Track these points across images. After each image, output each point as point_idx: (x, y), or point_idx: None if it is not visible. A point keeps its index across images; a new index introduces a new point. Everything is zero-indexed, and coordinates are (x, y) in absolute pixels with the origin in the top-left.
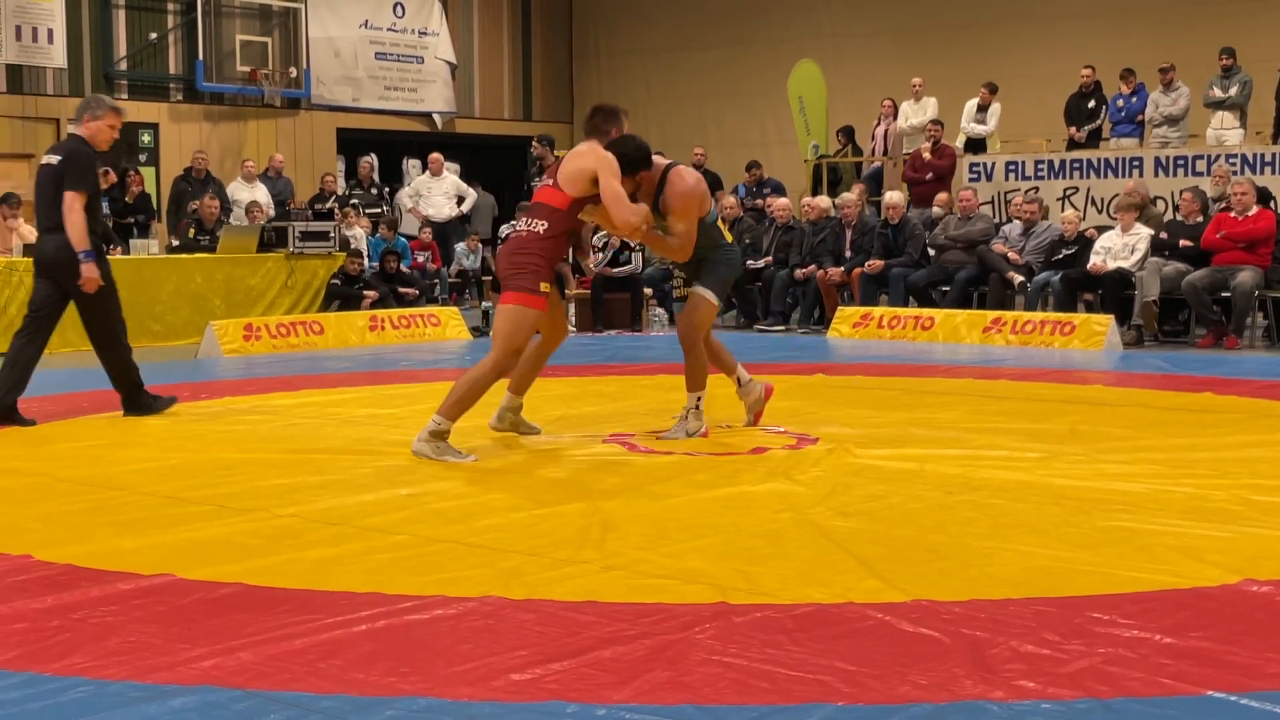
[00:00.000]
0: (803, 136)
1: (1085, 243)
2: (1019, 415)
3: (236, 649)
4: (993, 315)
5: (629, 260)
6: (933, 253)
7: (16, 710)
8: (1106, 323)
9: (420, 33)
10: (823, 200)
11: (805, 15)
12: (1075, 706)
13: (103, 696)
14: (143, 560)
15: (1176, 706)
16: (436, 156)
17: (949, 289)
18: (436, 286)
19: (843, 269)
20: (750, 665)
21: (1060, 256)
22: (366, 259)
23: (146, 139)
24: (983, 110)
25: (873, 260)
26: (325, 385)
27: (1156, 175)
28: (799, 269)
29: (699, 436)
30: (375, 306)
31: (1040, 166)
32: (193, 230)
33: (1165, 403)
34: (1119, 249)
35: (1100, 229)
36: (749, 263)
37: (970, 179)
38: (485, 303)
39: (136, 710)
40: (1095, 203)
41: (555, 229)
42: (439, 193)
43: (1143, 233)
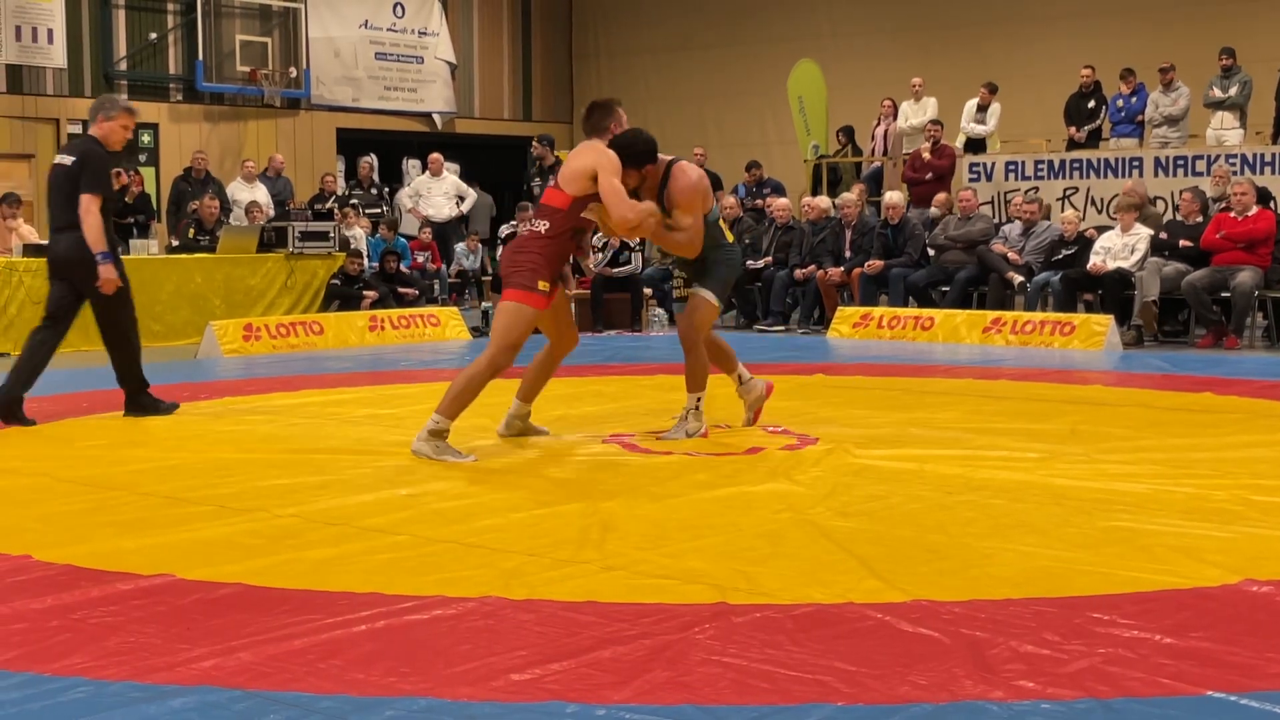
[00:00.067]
0: (802, 136)
1: (1085, 243)
2: (1019, 415)
3: (236, 649)
4: (992, 315)
5: (629, 260)
6: (932, 253)
7: (16, 710)
8: (1106, 323)
9: (420, 33)
10: (822, 200)
11: (805, 15)
12: (1075, 706)
13: (103, 697)
14: (143, 560)
15: (1176, 706)
16: (436, 157)
17: (949, 289)
18: (436, 287)
19: (842, 269)
20: (750, 665)
21: (1060, 257)
22: (366, 259)
23: (146, 139)
24: (982, 110)
25: (872, 260)
26: (325, 385)
27: (1156, 175)
28: (799, 269)
29: (699, 437)
30: (375, 307)
31: (1040, 166)
32: (192, 230)
33: (1165, 403)
34: (1119, 249)
35: (1100, 229)
36: (749, 263)
37: (970, 179)
38: (485, 303)
39: (136, 710)
40: (1095, 203)
41: (556, 229)
42: (439, 193)
43: (1142, 233)
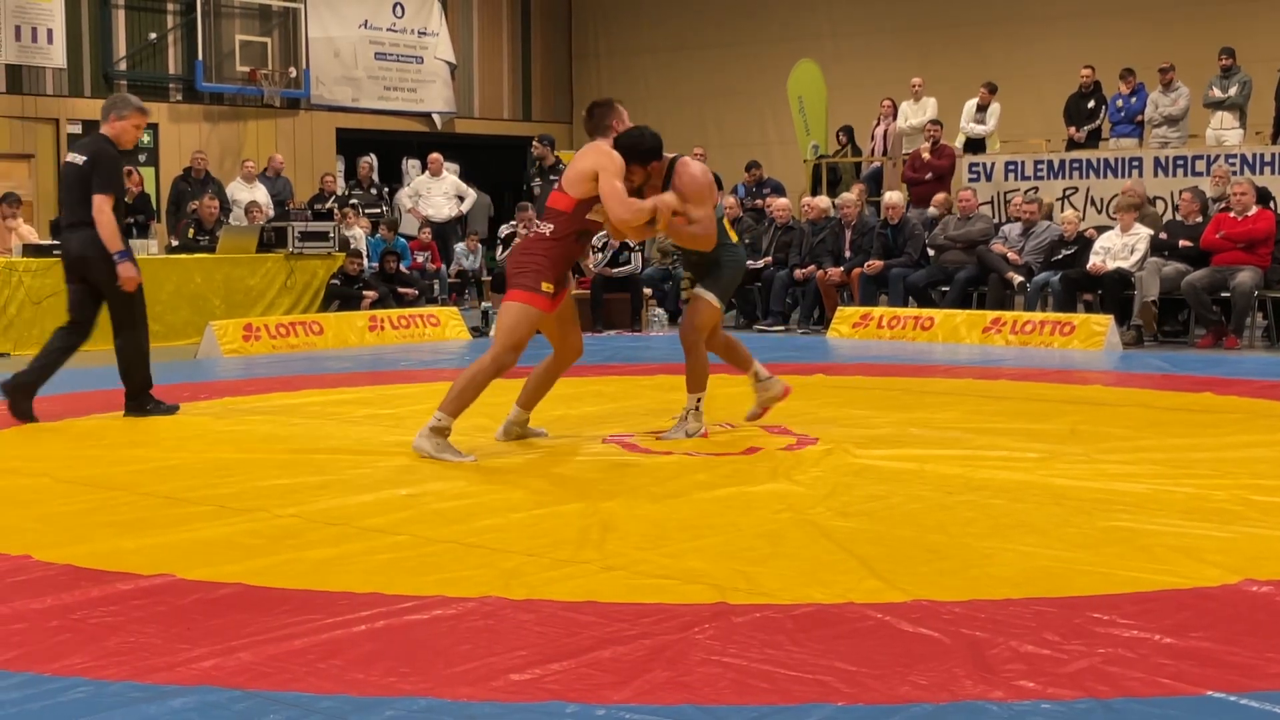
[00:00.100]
0: (802, 136)
1: (1085, 243)
2: (1019, 415)
3: (236, 649)
4: (992, 315)
5: (628, 260)
6: (932, 253)
7: (16, 710)
8: (1106, 323)
9: (420, 33)
10: (822, 200)
11: (805, 15)
12: (1075, 706)
13: (102, 697)
14: (143, 560)
15: (1176, 706)
16: (436, 157)
17: (948, 289)
18: (436, 287)
19: (842, 269)
20: (750, 665)
21: (1060, 257)
22: (366, 259)
23: (146, 139)
24: (982, 110)
25: (872, 260)
26: (325, 385)
27: (1156, 175)
28: (798, 269)
29: (698, 437)
30: (375, 307)
31: (1040, 166)
32: (192, 230)
33: (1165, 403)
34: (1118, 249)
35: (1100, 229)
36: (749, 263)
37: (970, 179)
38: (485, 303)
39: (136, 710)
40: (1095, 203)
41: (561, 231)
42: (438, 193)
43: (1142, 233)
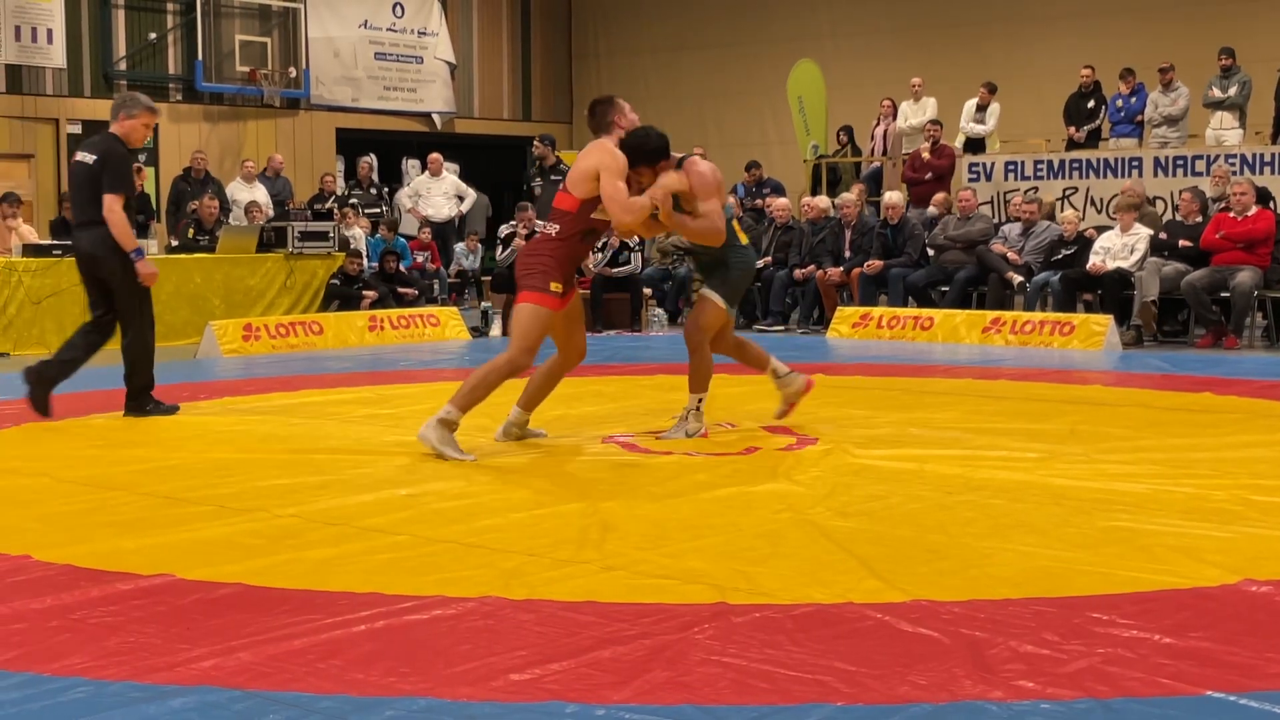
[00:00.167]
0: (802, 136)
1: (1084, 243)
2: (1019, 415)
3: (236, 649)
4: (992, 315)
5: (628, 260)
6: (932, 253)
7: (16, 710)
8: (1106, 323)
9: (420, 33)
10: (822, 200)
11: (805, 15)
12: (1075, 706)
13: (102, 697)
14: (143, 560)
15: (1176, 706)
16: (436, 157)
17: (948, 289)
18: (436, 287)
19: (842, 269)
20: (750, 665)
21: (1059, 257)
22: (366, 259)
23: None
24: (982, 110)
25: (872, 260)
26: (325, 385)
27: (1156, 175)
28: (798, 269)
29: (698, 437)
30: (374, 307)
31: (1039, 166)
32: (192, 230)
33: (1165, 403)
34: (1118, 249)
35: (1100, 229)
36: None
37: (969, 179)
38: (484, 303)
39: (136, 710)
40: (1095, 203)
41: (567, 231)
42: (438, 193)
43: (1142, 233)
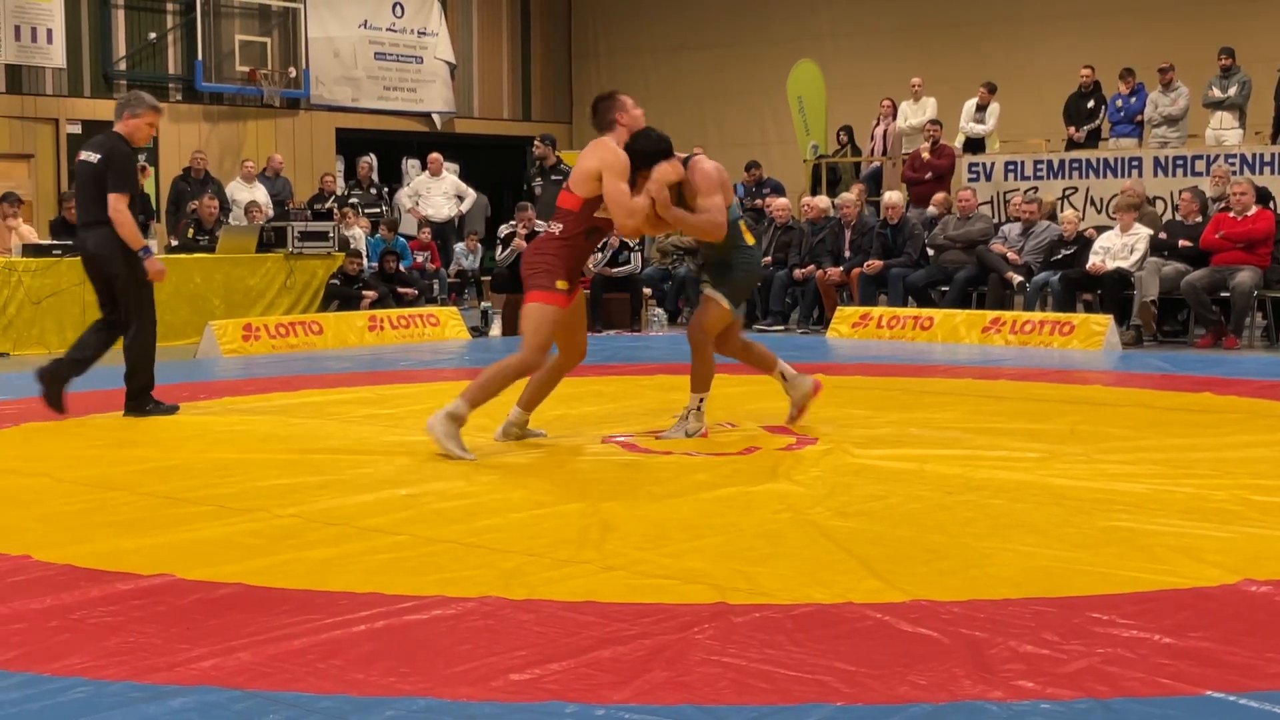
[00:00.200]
0: (802, 136)
1: (1084, 243)
2: (1019, 415)
3: (236, 649)
4: (992, 315)
5: (628, 260)
6: (932, 253)
7: (16, 710)
8: (1105, 323)
9: (419, 33)
10: (822, 200)
11: (805, 15)
12: (1075, 706)
13: (102, 697)
14: (143, 560)
15: (1176, 706)
16: (436, 156)
17: (948, 289)
18: (435, 286)
19: (842, 269)
20: (749, 665)
21: (1059, 256)
22: (365, 259)
23: None
24: (982, 110)
25: (872, 260)
26: (325, 385)
27: (1156, 175)
28: (798, 269)
29: (698, 437)
30: (374, 306)
31: (1039, 166)
32: (192, 230)
33: (1165, 403)
34: (1118, 249)
35: (1099, 229)
36: None
37: (969, 179)
38: (484, 303)
39: (136, 710)
40: (1094, 203)
41: (570, 230)
42: (438, 193)
43: (1142, 233)
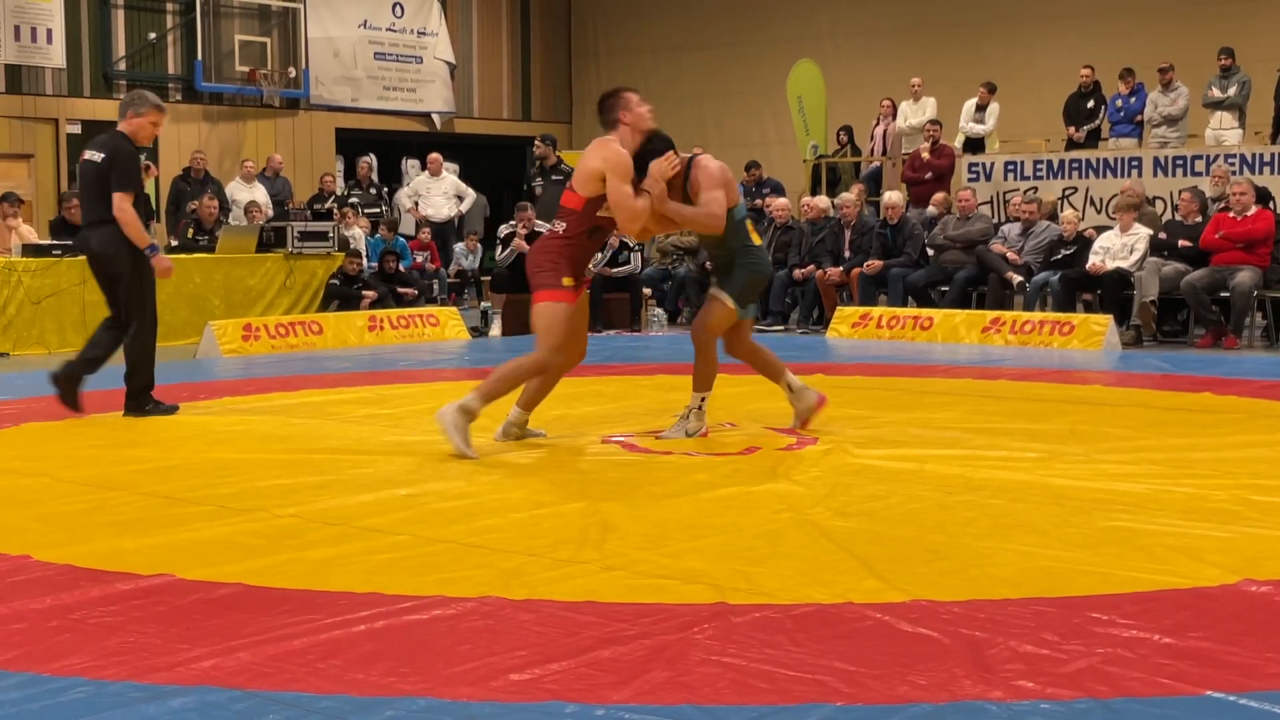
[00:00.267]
0: (801, 136)
1: (1084, 243)
2: (1019, 415)
3: (236, 649)
4: (992, 315)
5: (628, 260)
6: (932, 253)
7: (16, 710)
8: (1105, 323)
9: (419, 33)
10: (821, 200)
11: (805, 15)
12: (1075, 706)
13: (102, 697)
14: (143, 560)
15: (1176, 706)
16: (436, 157)
17: (948, 289)
18: (435, 286)
19: (842, 269)
20: (749, 665)
21: (1059, 256)
22: (365, 259)
23: None
24: (981, 110)
25: (872, 260)
26: (325, 385)
27: (1155, 175)
28: (798, 269)
29: (698, 437)
30: (374, 306)
31: (1039, 166)
32: (191, 230)
33: (1165, 403)
34: (1118, 249)
35: (1099, 229)
36: None
37: (969, 179)
38: (484, 303)
39: (136, 710)
40: (1094, 203)
41: (573, 229)
42: (438, 193)
43: (1141, 233)
